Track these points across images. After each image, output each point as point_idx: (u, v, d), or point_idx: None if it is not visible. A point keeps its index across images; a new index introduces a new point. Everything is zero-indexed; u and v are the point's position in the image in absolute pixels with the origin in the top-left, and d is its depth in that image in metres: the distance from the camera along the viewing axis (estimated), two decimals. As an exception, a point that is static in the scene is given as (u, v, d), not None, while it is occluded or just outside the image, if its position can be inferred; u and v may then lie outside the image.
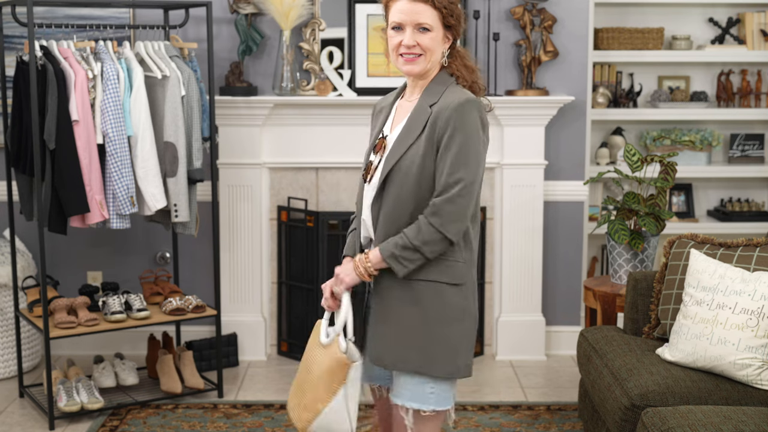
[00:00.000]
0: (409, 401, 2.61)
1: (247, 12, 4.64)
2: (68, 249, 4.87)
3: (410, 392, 2.61)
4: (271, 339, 4.93)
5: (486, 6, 4.74)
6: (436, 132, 2.54)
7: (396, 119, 2.68)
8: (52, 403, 4.02)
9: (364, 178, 2.67)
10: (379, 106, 2.79)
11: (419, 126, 2.57)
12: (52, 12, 4.68)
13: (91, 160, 4.00)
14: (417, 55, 2.56)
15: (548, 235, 4.91)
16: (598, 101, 5.17)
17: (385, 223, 2.60)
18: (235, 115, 4.69)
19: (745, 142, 5.33)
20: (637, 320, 3.75)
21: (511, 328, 4.89)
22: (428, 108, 2.57)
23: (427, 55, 2.56)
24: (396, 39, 2.57)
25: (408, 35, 2.54)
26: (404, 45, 2.55)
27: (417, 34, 2.54)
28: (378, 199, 2.60)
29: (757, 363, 3.15)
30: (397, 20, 2.56)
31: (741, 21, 5.24)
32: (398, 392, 2.64)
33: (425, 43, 2.55)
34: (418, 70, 2.58)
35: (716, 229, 5.26)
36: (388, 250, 2.56)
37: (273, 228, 4.86)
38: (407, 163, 2.55)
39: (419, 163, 2.54)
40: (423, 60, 2.57)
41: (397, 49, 2.57)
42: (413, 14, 2.53)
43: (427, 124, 2.55)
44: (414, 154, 2.55)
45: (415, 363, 2.59)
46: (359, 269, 2.61)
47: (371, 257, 2.59)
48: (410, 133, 2.58)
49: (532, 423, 4.05)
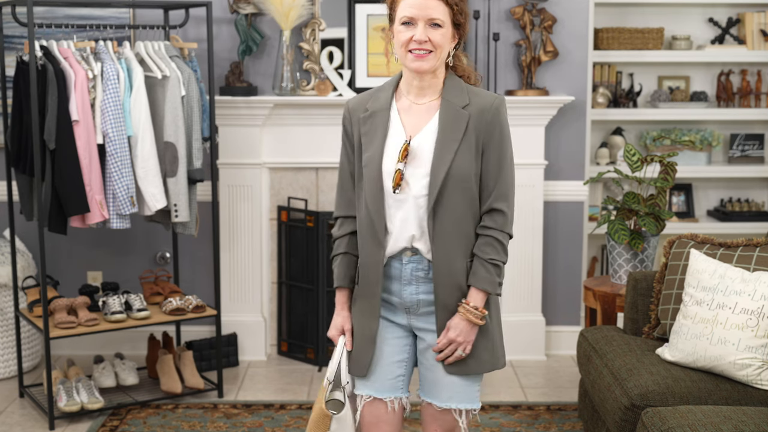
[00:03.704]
0: (462, 403, 2.61)
1: (247, 12, 4.64)
2: (68, 249, 4.87)
3: (461, 394, 2.61)
4: (271, 339, 4.93)
5: (486, 6, 4.75)
6: (482, 135, 2.51)
7: (411, 122, 2.56)
8: (52, 403, 4.02)
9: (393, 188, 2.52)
10: (368, 108, 2.60)
11: (459, 129, 2.50)
12: (52, 12, 4.68)
13: (91, 160, 4.00)
14: (428, 51, 2.48)
15: (548, 235, 4.91)
16: (598, 101, 5.17)
17: (448, 235, 2.52)
18: (235, 115, 4.69)
19: (745, 142, 5.33)
20: (637, 320, 3.75)
21: (511, 328, 4.89)
22: (462, 110, 2.51)
23: (438, 52, 2.49)
24: (406, 34, 2.48)
25: (420, 30, 2.46)
26: (416, 40, 2.46)
27: (429, 30, 2.47)
28: (434, 210, 2.50)
29: (757, 363, 3.15)
30: (409, 15, 2.47)
31: (741, 21, 5.24)
32: (447, 396, 2.60)
33: (436, 39, 2.48)
34: (428, 67, 2.49)
35: (716, 229, 5.26)
36: (491, 282, 2.54)
37: (273, 228, 4.86)
38: (460, 170, 2.49)
39: (474, 169, 2.51)
40: (433, 57, 2.49)
41: (407, 44, 2.48)
42: (426, 9, 2.46)
43: (468, 127, 2.50)
44: (464, 159, 2.49)
45: (489, 364, 2.61)
46: (477, 321, 2.55)
47: (477, 301, 2.55)
48: (452, 136, 2.50)
49: (532, 423, 4.05)
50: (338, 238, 2.68)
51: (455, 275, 2.55)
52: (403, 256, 2.57)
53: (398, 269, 2.59)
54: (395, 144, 2.54)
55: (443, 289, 2.55)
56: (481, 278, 2.54)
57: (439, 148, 2.50)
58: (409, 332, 2.66)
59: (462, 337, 2.55)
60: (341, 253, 2.67)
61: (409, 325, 2.64)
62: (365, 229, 2.59)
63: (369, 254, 2.58)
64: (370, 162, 2.55)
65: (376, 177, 2.54)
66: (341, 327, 2.68)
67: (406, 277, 2.58)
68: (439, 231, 2.52)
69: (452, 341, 2.56)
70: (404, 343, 2.66)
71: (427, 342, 2.63)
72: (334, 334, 2.69)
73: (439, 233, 2.52)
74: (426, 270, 2.57)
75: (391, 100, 2.59)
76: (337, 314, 2.70)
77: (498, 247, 2.55)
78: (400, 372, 2.65)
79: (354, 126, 2.61)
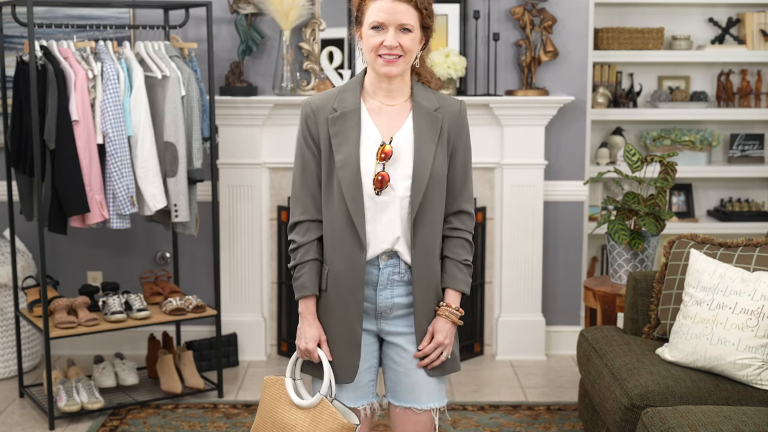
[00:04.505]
0: (435, 402, 2.64)
1: (247, 12, 4.64)
2: (68, 249, 4.87)
3: (435, 393, 2.64)
4: (271, 339, 4.93)
5: (486, 6, 4.74)
6: (452, 137, 2.57)
7: (385, 123, 2.55)
8: (52, 403, 4.02)
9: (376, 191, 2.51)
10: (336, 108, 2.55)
11: (435, 131, 2.54)
12: (52, 12, 4.68)
13: (91, 160, 4.00)
14: (398, 56, 2.48)
15: (548, 235, 4.91)
16: (598, 101, 5.17)
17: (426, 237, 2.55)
18: (235, 115, 4.69)
19: (745, 142, 5.33)
20: (637, 320, 3.75)
21: (511, 328, 4.89)
22: (434, 113, 2.55)
23: (407, 57, 2.50)
24: (377, 39, 2.47)
25: (391, 36, 2.46)
26: (386, 45, 2.46)
27: (399, 35, 2.47)
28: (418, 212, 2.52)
29: (757, 363, 3.15)
30: (379, 20, 2.46)
31: (741, 21, 5.24)
32: (426, 398, 2.63)
33: (406, 44, 2.48)
34: (397, 72, 2.50)
35: (716, 229, 5.26)
36: (467, 282, 2.62)
37: (273, 228, 4.86)
38: (439, 172, 2.53)
39: (446, 171, 2.56)
40: (403, 61, 2.49)
41: (377, 49, 2.47)
42: (396, 14, 2.46)
43: (442, 129, 2.55)
44: (440, 161, 2.54)
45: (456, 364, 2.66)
46: (459, 321, 2.60)
47: (456, 303, 2.60)
48: (428, 139, 2.53)
49: (532, 423, 4.05)
50: (304, 244, 2.58)
51: (433, 277, 2.58)
52: (380, 261, 2.56)
53: (374, 274, 2.57)
54: (370, 145, 2.53)
55: (421, 292, 2.57)
56: (459, 280, 2.61)
57: (418, 149, 2.52)
58: (375, 337, 2.65)
59: (448, 339, 2.59)
60: (311, 260, 2.58)
61: (377, 330, 2.63)
62: (339, 234, 2.54)
63: (345, 258, 2.53)
64: (346, 164, 2.50)
65: (353, 179, 2.50)
66: (318, 338, 2.58)
67: (382, 281, 2.57)
68: (419, 233, 2.54)
69: (440, 344, 2.58)
70: (373, 349, 2.65)
71: (401, 346, 2.62)
72: (311, 347, 2.57)
73: (419, 235, 2.54)
74: (402, 273, 2.57)
75: (359, 101, 2.57)
76: (309, 325, 2.58)
77: (468, 249, 2.63)
78: (370, 378, 2.66)
79: (320, 126, 2.55)
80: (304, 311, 2.60)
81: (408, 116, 2.56)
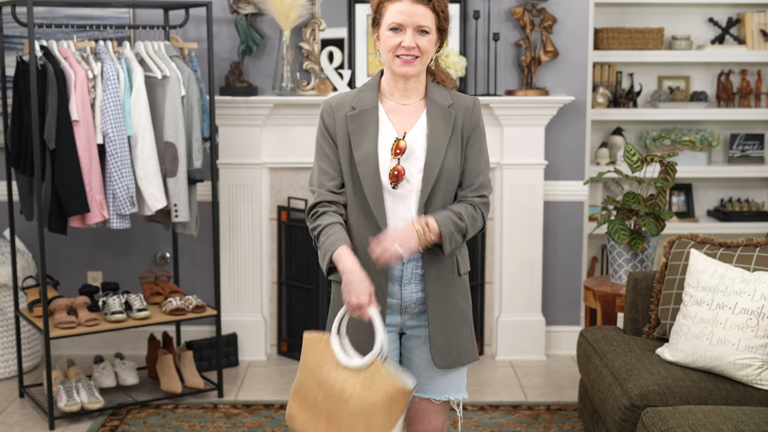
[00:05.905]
0: (457, 394, 2.69)
1: (247, 12, 4.64)
2: (68, 249, 4.87)
3: (457, 385, 2.69)
4: (271, 339, 4.93)
5: (486, 6, 4.74)
6: (466, 132, 2.61)
7: (400, 121, 2.61)
8: (52, 403, 4.02)
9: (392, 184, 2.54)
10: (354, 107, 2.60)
11: (448, 126, 2.58)
12: (52, 12, 4.68)
13: (91, 160, 4.00)
14: (415, 57, 2.54)
15: (548, 235, 4.91)
16: (598, 101, 5.17)
17: None
18: (235, 115, 4.69)
19: (745, 142, 5.33)
20: (637, 320, 3.75)
21: (511, 328, 4.89)
22: (448, 108, 2.60)
23: (424, 57, 2.56)
24: (395, 40, 2.54)
25: (409, 37, 2.53)
26: (404, 46, 2.53)
27: (416, 36, 2.54)
28: (426, 205, 2.56)
29: (757, 363, 3.15)
30: (398, 21, 2.53)
31: (741, 21, 5.24)
32: (446, 388, 2.67)
33: (424, 46, 2.55)
34: (414, 72, 2.56)
35: (716, 229, 5.26)
36: (448, 228, 2.52)
37: (273, 228, 4.86)
38: (451, 166, 2.57)
39: (460, 165, 2.59)
40: (419, 62, 2.56)
41: (395, 49, 2.54)
42: (414, 16, 2.52)
43: (455, 124, 2.59)
44: (453, 155, 2.58)
45: (474, 353, 2.69)
46: (423, 240, 2.49)
47: (432, 229, 2.50)
48: (440, 135, 2.58)
49: (532, 423, 4.05)
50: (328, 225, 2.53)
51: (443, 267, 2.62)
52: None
53: (398, 269, 2.60)
54: (386, 142, 2.58)
55: (434, 286, 2.60)
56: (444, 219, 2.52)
57: (431, 144, 2.57)
58: (397, 334, 2.69)
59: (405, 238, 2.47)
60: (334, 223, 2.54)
61: (401, 324, 2.66)
62: (363, 228, 2.57)
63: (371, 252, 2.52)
64: (366, 160, 2.56)
65: (373, 174, 2.55)
66: (369, 291, 2.45)
67: (407, 276, 2.61)
68: None
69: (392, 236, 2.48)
70: (395, 346, 2.69)
71: (421, 338, 2.66)
72: (364, 300, 2.43)
73: None
74: (422, 267, 2.61)
75: (377, 101, 2.63)
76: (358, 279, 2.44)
77: (473, 218, 2.57)
78: None
79: (338, 123, 2.61)
80: (345, 267, 2.47)
81: (422, 113, 2.62)
